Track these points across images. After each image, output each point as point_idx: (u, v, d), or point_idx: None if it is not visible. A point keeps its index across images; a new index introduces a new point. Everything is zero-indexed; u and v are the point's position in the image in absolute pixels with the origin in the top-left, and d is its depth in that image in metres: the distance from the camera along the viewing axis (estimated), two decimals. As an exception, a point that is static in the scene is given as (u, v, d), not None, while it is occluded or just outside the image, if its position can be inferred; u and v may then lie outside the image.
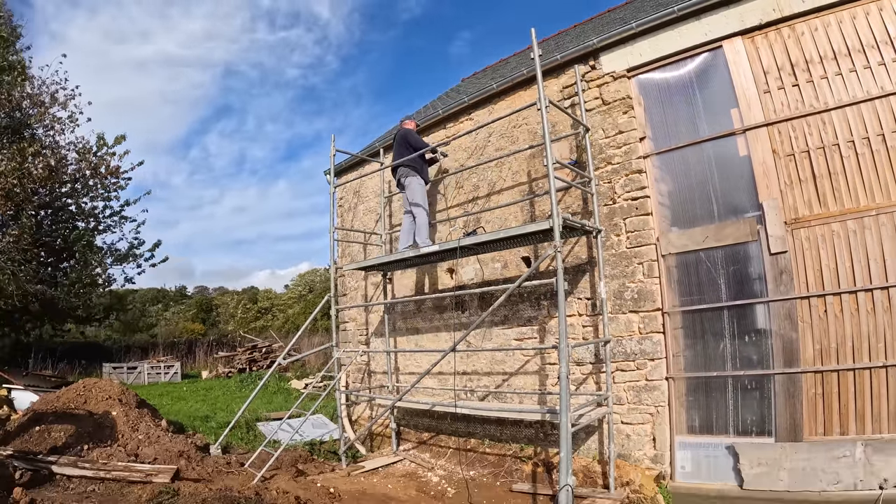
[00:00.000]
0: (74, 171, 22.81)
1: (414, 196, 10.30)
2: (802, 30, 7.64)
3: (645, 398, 8.29)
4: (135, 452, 9.06)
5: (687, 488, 7.84)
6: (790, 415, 7.32)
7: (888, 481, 6.55)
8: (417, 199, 10.28)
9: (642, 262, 8.45)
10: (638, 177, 8.59)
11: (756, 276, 7.74)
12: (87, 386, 11.08)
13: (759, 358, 7.64)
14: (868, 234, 6.98)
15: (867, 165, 7.07)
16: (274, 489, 7.88)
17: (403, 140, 10.49)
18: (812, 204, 7.39)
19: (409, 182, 10.35)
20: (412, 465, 10.55)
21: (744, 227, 7.80)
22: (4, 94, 20.25)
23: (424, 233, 10.21)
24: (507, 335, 10.01)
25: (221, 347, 34.42)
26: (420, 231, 10.23)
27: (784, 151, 7.63)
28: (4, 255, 19.54)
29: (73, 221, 24.00)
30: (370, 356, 13.01)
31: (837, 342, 7.10)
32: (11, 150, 19.72)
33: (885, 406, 6.76)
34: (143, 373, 27.61)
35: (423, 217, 10.26)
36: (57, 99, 22.35)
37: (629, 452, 8.38)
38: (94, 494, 7.52)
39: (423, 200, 10.31)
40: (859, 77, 7.25)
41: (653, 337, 8.29)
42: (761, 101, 7.86)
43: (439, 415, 10.80)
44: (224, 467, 9.25)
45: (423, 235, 10.18)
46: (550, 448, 9.17)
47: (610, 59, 9.08)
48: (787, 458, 7.19)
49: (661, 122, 8.72)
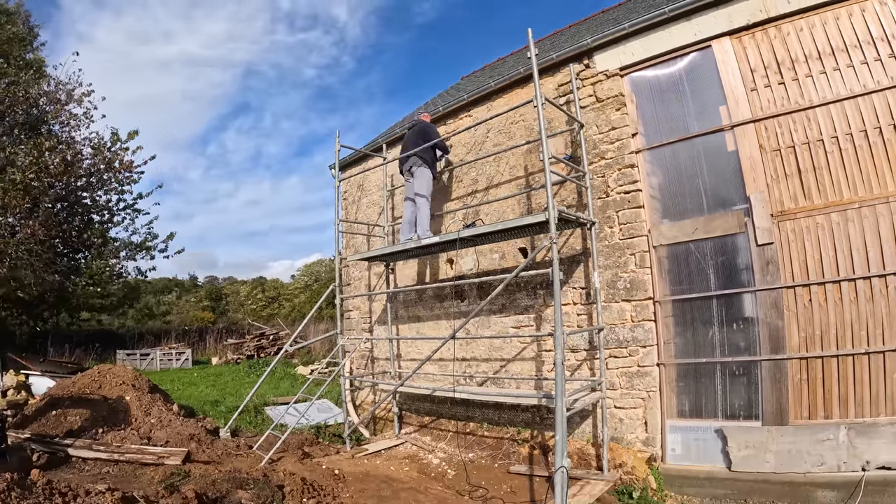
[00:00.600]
0: (89, 165, 22.89)
1: (421, 187, 10.20)
2: (788, 30, 7.64)
3: (637, 383, 8.32)
4: (147, 436, 9.12)
5: (677, 470, 7.88)
6: (776, 399, 7.35)
7: (870, 463, 6.59)
8: (423, 191, 10.19)
9: (634, 253, 8.47)
10: (630, 171, 8.60)
11: (743, 267, 7.76)
12: (102, 372, 11.12)
13: (746, 345, 7.67)
14: (851, 227, 6.99)
15: (850, 160, 7.09)
16: (281, 471, 7.91)
17: (422, 132, 10.35)
18: (797, 197, 7.40)
19: (419, 172, 10.22)
20: (414, 447, 10.58)
21: (732, 220, 7.82)
22: (22, 92, 20.29)
23: (426, 224, 10.17)
24: (505, 323, 10.04)
25: (231, 335, 34.48)
26: (422, 222, 10.18)
27: (770, 147, 7.64)
28: (22, 246, 19.58)
29: (87, 214, 24.04)
30: (373, 343, 13.03)
31: (822, 330, 7.12)
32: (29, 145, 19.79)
33: (868, 391, 6.79)
34: (156, 359, 27.69)
35: (426, 209, 10.21)
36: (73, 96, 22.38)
37: (622, 436, 8.41)
38: (108, 476, 7.56)
39: (428, 192, 10.23)
40: (843, 75, 7.25)
41: (644, 325, 8.32)
42: (749, 98, 7.86)
43: (440, 399, 10.81)
44: (233, 450, 9.29)
45: (425, 226, 10.14)
46: (546, 431, 9.20)
47: (603, 58, 9.07)
48: (773, 441, 7.23)
49: (652, 119, 8.72)
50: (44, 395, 10.90)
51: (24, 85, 20.41)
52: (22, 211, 20.05)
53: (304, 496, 7.28)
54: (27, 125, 21.13)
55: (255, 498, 6.61)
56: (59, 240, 22.76)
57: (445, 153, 10.87)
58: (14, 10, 22.12)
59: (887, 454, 6.54)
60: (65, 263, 23.69)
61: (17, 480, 5.11)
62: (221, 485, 6.68)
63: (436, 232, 10.64)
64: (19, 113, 20.93)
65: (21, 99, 20.44)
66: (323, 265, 56.35)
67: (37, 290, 21.23)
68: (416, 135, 10.43)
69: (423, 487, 8.34)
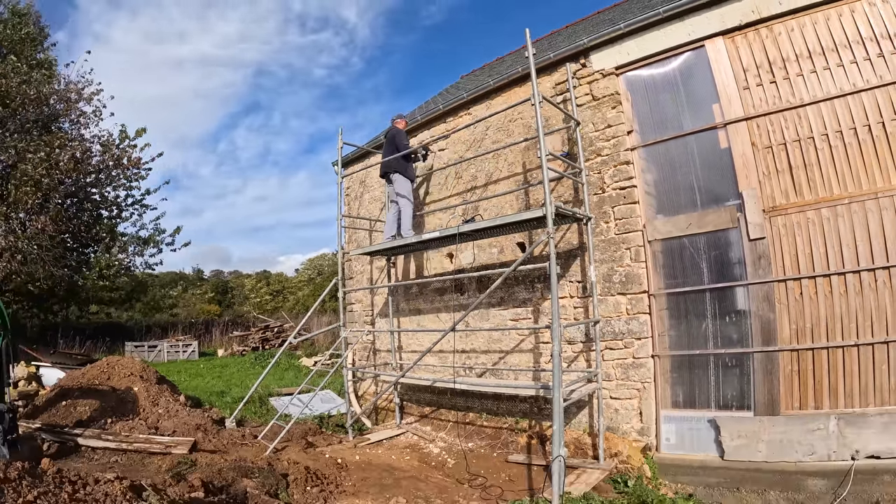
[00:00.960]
0: (98, 162, 22.84)
1: (400, 189, 10.44)
2: (780, 30, 7.59)
3: (632, 375, 8.29)
4: (155, 425, 9.08)
5: (672, 459, 7.86)
6: (768, 390, 7.32)
7: (860, 452, 6.57)
8: (403, 192, 10.42)
9: (630, 248, 8.43)
10: (625, 167, 8.56)
11: (736, 261, 7.72)
12: (111, 363, 11.09)
13: (738, 337, 7.64)
14: (841, 222, 6.96)
15: (840, 157, 7.05)
16: (285, 460, 7.89)
17: (392, 140, 10.61)
18: (788, 193, 7.37)
19: (395, 178, 10.47)
20: (414, 437, 10.56)
21: (725, 215, 7.78)
22: (34, 90, 20.27)
23: (408, 223, 10.36)
24: (504, 316, 10.01)
25: (236, 327, 34.49)
26: (405, 221, 10.38)
27: (762, 144, 7.60)
28: (33, 241, 19.56)
29: (96, 210, 24.00)
30: (375, 335, 13.02)
31: (812, 322, 7.09)
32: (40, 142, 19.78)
33: (857, 382, 6.76)
34: (163, 351, 27.63)
35: (409, 209, 10.40)
36: (82, 94, 22.38)
37: (617, 426, 8.39)
38: (116, 465, 7.53)
39: (408, 193, 10.45)
40: (832, 74, 7.21)
41: (639, 317, 8.28)
42: (741, 96, 7.82)
43: (440, 390, 10.79)
44: (238, 439, 9.26)
45: (408, 225, 10.35)
46: (544, 421, 9.18)
47: (599, 58, 9.03)
48: (765, 431, 7.20)
49: (647, 117, 8.68)
50: (54, 387, 10.85)
51: (36, 84, 20.39)
52: (33, 206, 20.04)
53: (308, 484, 7.26)
54: (38, 123, 21.10)
55: (260, 486, 6.58)
56: (68, 235, 22.74)
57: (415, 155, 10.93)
58: (25, 10, 22.06)
59: (876, 444, 6.52)
60: (74, 258, 23.62)
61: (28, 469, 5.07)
62: (227, 473, 6.65)
63: (435, 227, 10.66)
64: (31, 111, 20.92)
65: (33, 97, 20.43)
66: (326, 259, 56.31)
67: (47, 283, 21.19)
68: (388, 143, 10.71)
69: (424, 476, 8.32)
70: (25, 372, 12.93)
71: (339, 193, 11.82)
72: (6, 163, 20.86)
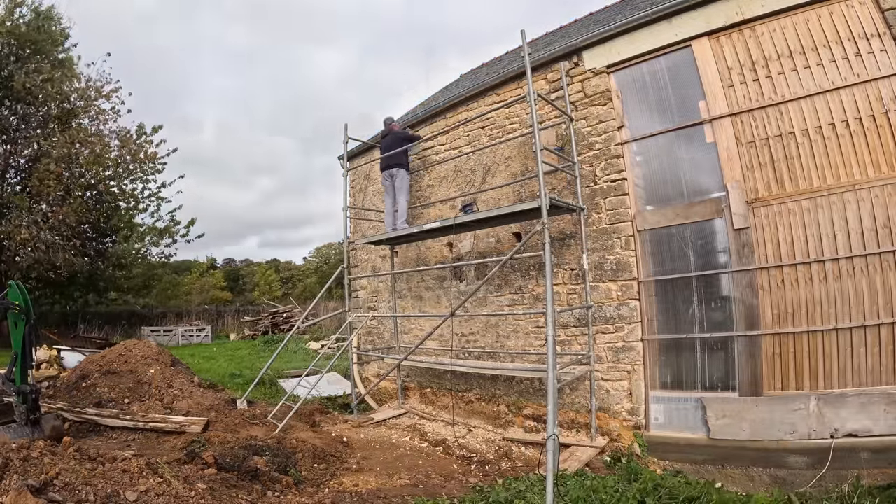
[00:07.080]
0: (117, 156, 22.87)
1: (403, 185, 10.82)
2: (762, 31, 7.55)
3: (623, 357, 8.29)
4: (170, 406, 9.06)
5: (660, 438, 7.87)
6: (752, 372, 7.32)
7: (838, 431, 6.58)
8: (404, 186, 10.84)
9: (620, 237, 8.42)
10: (616, 161, 8.54)
11: (721, 250, 7.71)
12: (128, 347, 11.05)
13: (723, 322, 7.62)
14: (820, 213, 6.94)
15: (819, 151, 7.03)
16: (293, 438, 7.88)
17: (397, 138, 11.04)
18: (771, 185, 7.34)
19: (399, 172, 10.85)
20: (416, 417, 10.58)
21: (710, 206, 7.76)
22: (56, 88, 20.28)
23: (404, 217, 10.71)
24: (501, 301, 9.99)
25: (247, 313, 34.53)
26: (402, 214, 10.73)
27: (746, 139, 7.57)
28: (54, 231, 19.59)
29: (114, 202, 24.01)
30: (379, 320, 13.02)
31: (793, 308, 7.08)
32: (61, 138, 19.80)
33: (836, 364, 6.76)
34: (178, 335, 27.70)
35: (405, 204, 10.79)
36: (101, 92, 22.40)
37: (609, 406, 8.39)
38: (133, 443, 7.52)
39: (406, 188, 10.91)
40: (812, 73, 7.18)
41: (629, 303, 8.27)
42: (726, 94, 7.78)
43: (440, 372, 10.81)
44: (249, 419, 9.24)
45: (403, 219, 10.69)
46: (539, 402, 9.18)
47: (591, 57, 8.99)
48: (748, 411, 7.21)
49: (637, 113, 8.64)
50: (74, 369, 10.84)
51: (58, 82, 20.39)
52: (55, 198, 20.05)
53: (315, 461, 7.26)
54: (60, 119, 21.09)
55: (269, 463, 6.58)
56: (88, 225, 22.76)
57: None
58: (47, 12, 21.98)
59: (854, 423, 6.52)
60: (93, 247, 23.67)
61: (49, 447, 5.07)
62: (238, 451, 6.65)
63: (435, 217, 10.68)
64: (53, 108, 20.93)
65: (54, 94, 20.42)
66: (332, 248, 56.33)
67: (68, 272, 21.23)
68: (393, 141, 11.04)
69: (425, 454, 8.33)
70: (47, 355, 12.94)
71: (344, 186, 11.80)
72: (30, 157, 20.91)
